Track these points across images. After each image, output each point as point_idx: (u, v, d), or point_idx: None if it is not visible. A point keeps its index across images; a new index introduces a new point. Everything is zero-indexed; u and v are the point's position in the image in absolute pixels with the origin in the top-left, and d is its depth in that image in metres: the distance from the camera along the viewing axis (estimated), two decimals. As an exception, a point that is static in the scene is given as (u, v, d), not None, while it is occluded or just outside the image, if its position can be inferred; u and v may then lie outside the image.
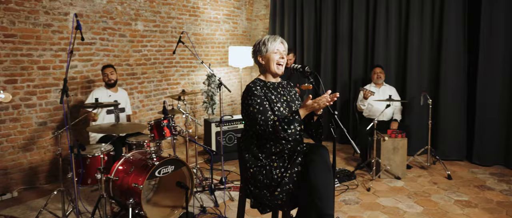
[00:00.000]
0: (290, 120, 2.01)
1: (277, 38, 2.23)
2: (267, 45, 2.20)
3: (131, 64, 4.79)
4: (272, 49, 2.20)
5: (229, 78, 6.38)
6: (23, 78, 3.77)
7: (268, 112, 2.08)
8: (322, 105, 2.02)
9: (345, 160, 4.86)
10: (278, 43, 2.22)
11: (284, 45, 2.28)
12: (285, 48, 2.28)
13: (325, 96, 1.98)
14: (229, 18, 6.21)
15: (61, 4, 3.97)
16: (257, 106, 2.07)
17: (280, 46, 2.23)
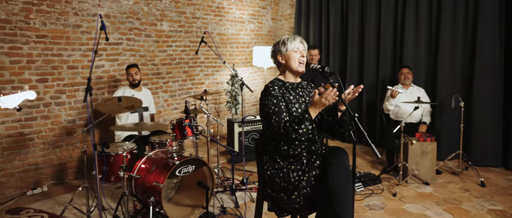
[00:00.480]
0: (301, 119, 1.95)
1: (297, 37, 2.19)
2: (287, 44, 2.16)
3: (157, 64, 4.87)
4: (292, 48, 2.16)
5: (254, 78, 6.36)
6: (54, 77, 3.91)
7: (282, 113, 2.04)
8: (331, 100, 1.92)
9: (370, 163, 4.72)
10: (298, 42, 2.17)
11: (304, 45, 2.23)
12: (305, 48, 2.23)
13: (333, 90, 1.88)
14: (254, 18, 6.19)
15: (89, 6, 4.08)
16: (272, 106, 2.04)
17: (300, 45, 2.18)
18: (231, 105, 5.32)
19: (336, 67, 5.71)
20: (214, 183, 3.26)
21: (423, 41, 4.81)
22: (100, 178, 3.18)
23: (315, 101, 1.95)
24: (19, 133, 3.71)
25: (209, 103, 5.65)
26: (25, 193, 3.73)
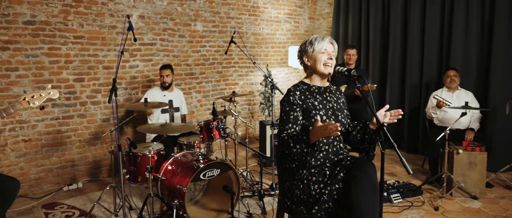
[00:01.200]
0: (298, 138, 1.83)
1: (326, 38, 2.02)
2: (314, 45, 2.00)
3: (190, 64, 4.87)
4: (319, 49, 1.99)
5: (289, 79, 6.20)
6: (90, 77, 4.01)
7: (289, 123, 1.94)
8: (330, 133, 1.69)
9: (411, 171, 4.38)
10: (326, 43, 2.00)
11: (334, 46, 2.05)
12: (335, 49, 2.06)
13: (335, 125, 1.66)
14: (290, 17, 6.02)
15: (124, 7, 4.15)
16: (283, 114, 1.96)
17: (328, 46, 2.01)
18: (265, 107, 5.20)
19: (376, 69, 5.40)
20: (239, 188, 3.16)
21: (473, 41, 4.39)
22: (128, 178, 3.20)
23: (316, 129, 1.77)
24: (57, 131, 3.85)
25: (243, 105, 5.57)
26: (61, 188, 3.86)
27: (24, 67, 3.59)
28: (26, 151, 3.69)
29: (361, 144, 2.10)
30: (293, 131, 1.92)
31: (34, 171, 3.76)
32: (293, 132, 1.92)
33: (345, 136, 2.14)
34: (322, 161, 1.92)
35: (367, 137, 2.09)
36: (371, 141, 2.08)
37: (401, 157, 1.69)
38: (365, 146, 2.11)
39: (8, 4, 3.43)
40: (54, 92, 2.35)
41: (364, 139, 2.09)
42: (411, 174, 1.85)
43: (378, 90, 5.44)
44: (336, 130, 1.63)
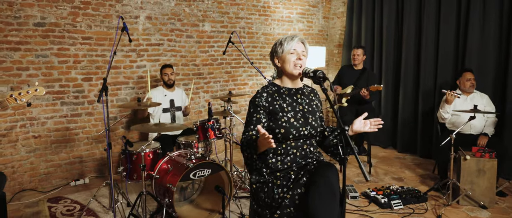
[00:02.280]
0: (249, 143, 1.82)
1: (295, 37, 1.97)
2: (283, 45, 1.96)
3: (198, 65, 4.92)
4: (288, 49, 1.95)
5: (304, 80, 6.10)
6: (97, 76, 4.15)
7: (251, 125, 1.92)
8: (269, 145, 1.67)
9: (421, 177, 4.20)
10: (296, 42, 1.96)
11: (304, 45, 2.00)
12: (305, 49, 2.00)
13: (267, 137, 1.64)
14: (303, 17, 5.94)
15: (132, 8, 4.26)
16: (247, 116, 1.94)
17: (297, 46, 1.96)
18: (272, 108, 5.16)
19: (390, 70, 5.21)
20: (232, 189, 3.15)
21: (491, 42, 4.15)
22: (124, 176, 3.28)
23: (259, 138, 1.76)
24: (65, 128, 4.02)
25: (242, 106, 5.56)
26: (69, 183, 4.02)
27: (35, 67, 3.77)
28: (36, 146, 3.87)
29: (336, 148, 2.06)
30: (255, 133, 1.90)
31: (43, 166, 3.94)
32: (253, 135, 1.90)
33: (320, 140, 2.09)
34: (289, 164, 1.87)
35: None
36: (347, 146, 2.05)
37: (359, 162, 1.62)
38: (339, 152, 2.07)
39: (20, 7, 3.62)
40: (40, 89, 2.44)
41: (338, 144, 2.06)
42: (368, 181, 1.76)
43: (391, 92, 5.25)
44: (269, 143, 1.62)
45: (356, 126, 2.05)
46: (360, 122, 2.05)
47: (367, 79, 4.33)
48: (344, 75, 4.55)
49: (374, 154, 5.10)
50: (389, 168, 4.55)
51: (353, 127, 2.05)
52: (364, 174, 1.55)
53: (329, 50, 6.35)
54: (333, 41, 6.28)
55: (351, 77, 4.45)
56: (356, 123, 2.05)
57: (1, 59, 3.59)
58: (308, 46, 2.04)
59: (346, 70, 4.59)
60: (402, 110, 5.09)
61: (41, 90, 2.44)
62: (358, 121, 2.05)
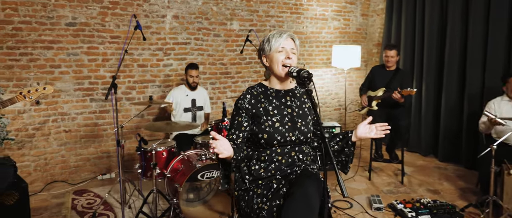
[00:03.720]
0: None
1: (284, 33, 1.79)
2: (270, 43, 1.80)
3: (225, 64, 4.87)
4: (276, 47, 1.78)
5: (338, 80, 5.83)
6: (125, 74, 4.26)
7: (233, 128, 1.80)
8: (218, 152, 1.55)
9: (461, 191, 3.78)
10: (284, 39, 1.78)
11: (295, 42, 1.82)
12: (296, 46, 1.82)
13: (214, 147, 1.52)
14: (339, 14, 5.66)
15: (159, 8, 4.32)
16: (231, 118, 1.79)
17: (286, 43, 1.78)
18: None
19: (432, 72, 4.76)
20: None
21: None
22: (139, 173, 3.32)
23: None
24: (94, 123, 4.17)
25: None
26: (96, 177, 4.17)
27: (66, 65, 3.95)
28: (67, 140, 4.07)
29: (338, 155, 1.89)
30: (235, 137, 1.77)
31: (73, 159, 4.12)
32: (235, 138, 1.77)
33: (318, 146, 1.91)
34: (273, 172, 1.72)
35: (346, 149, 1.87)
36: (350, 153, 1.86)
37: (338, 175, 1.43)
38: (342, 159, 1.89)
39: (53, 7, 3.81)
40: (48, 88, 2.51)
41: (342, 151, 1.88)
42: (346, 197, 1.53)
43: (433, 95, 4.81)
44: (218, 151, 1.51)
45: (360, 131, 1.85)
46: (365, 127, 1.85)
47: (400, 81, 3.98)
48: (375, 77, 4.22)
49: (412, 162, 4.71)
50: (426, 178, 4.16)
51: (357, 132, 1.87)
52: (342, 188, 1.36)
53: (368, 50, 5.99)
54: (372, 40, 5.91)
55: (382, 79, 4.11)
56: (360, 128, 1.85)
57: (36, 57, 3.80)
58: (298, 43, 1.86)
59: (377, 71, 4.26)
60: (444, 115, 4.63)
61: (49, 89, 2.51)
62: (362, 125, 1.85)
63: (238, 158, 1.67)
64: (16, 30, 3.68)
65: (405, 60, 5.12)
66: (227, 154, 1.55)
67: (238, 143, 1.75)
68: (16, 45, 3.70)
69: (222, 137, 1.56)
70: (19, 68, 3.75)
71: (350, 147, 1.87)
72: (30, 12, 3.71)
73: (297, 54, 1.85)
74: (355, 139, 1.88)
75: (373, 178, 4.16)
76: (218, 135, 1.54)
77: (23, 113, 3.82)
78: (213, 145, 1.49)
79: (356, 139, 1.88)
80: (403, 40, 5.11)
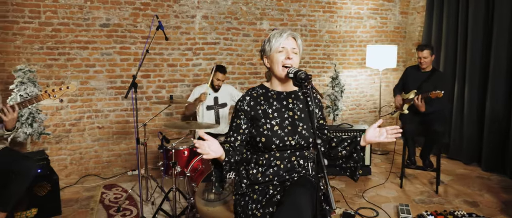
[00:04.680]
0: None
1: (284, 33, 1.72)
2: (271, 43, 1.73)
3: (255, 63, 4.84)
4: (276, 47, 1.71)
5: (373, 82, 5.59)
6: (155, 73, 4.38)
7: (231, 131, 1.75)
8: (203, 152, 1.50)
9: (504, 204, 3.45)
10: (284, 38, 1.70)
11: (296, 41, 1.74)
12: (298, 45, 1.74)
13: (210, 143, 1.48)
14: (375, 12, 5.41)
15: (188, 8, 4.38)
16: (230, 122, 1.76)
17: (287, 42, 1.71)
18: (330, 111, 4.81)
19: (476, 74, 4.39)
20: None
21: None
22: (162, 171, 3.38)
23: None
24: (125, 121, 4.33)
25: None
26: (126, 172, 4.33)
27: (100, 64, 4.14)
28: (100, 136, 4.26)
29: (346, 161, 1.77)
30: (233, 139, 1.72)
31: (105, 155, 4.31)
32: (233, 140, 1.72)
33: (327, 151, 1.81)
34: (271, 177, 1.64)
35: (355, 155, 1.75)
36: (360, 159, 1.75)
37: (328, 186, 1.32)
38: (350, 165, 1.77)
39: (88, 10, 4.00)
40: (71, 86, 2.62)
41: (351, 157, 1.76)
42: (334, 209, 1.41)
43: (477, 99, 4.43)
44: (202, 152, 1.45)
45: (369, 135, 1.73)
46: (374, 130, 1.73)
47: (434, 83, 3.70)
48: (408, 78, 3.96)
49: (451, 170, 4.38)
50: (464, 188, 3.85)
51: (366, 136, 1.75)
52: (330, 200, 1.26)
53: (407, 50, 5.68)
54: (412, 39, 5.59)
55: (415, 81, 3.85)
56: (369, 132, 1.73)
57: (72, 56, 4.02)
58: (301, 42, 1.76)
59: (411, 72, 3.99)
60: (489, 121, 4.25)
61: (72, 87, 2.62)
62: (371, 128, 1.73)
63: (231, 160, 1.61)
64: (55, 31, 3.91)
65: (447, 61, 4.78)
66: (214, 155, 1.51)
67: (236, 145, 1.70)
68: (55, 45, 3.93)
69: (212, 137, 1.53)
70: (57, 67, 3.98)
71: (359, 152, 1.76)
72: (68, 14, 3.93)
73: (300, 54, 1.77)
74: (364, 143, 1.76)
75: (405, 185, 3.92)
76: (207, 135, 1.51)
77: (61, 109, 4.05)
78: (196, 144, 1.45)
79: (365, 143, 1.76)
80: (444, 40, 4.77)
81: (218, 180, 1.66)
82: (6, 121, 2.40)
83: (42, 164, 3.20)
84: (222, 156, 1.56)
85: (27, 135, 3.55)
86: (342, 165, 1.79)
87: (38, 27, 3.84)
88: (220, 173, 1.63)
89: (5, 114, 2.38)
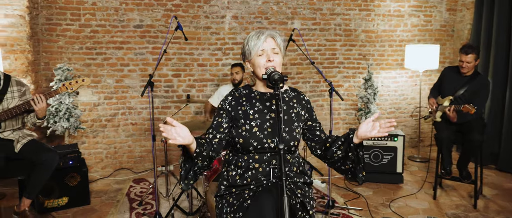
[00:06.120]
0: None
1: (262, 34, 1.64)
2: (250, 46, 1.67)
3: (285, 64, 4.77)
4: (256, 51, 1.65)
5: (415, 84, 5.23)
6: (185, 73, 4.49)
7: (211, 128, 1.70)
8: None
9: None
10: (262, 41, 1.63)
11: (275, 40, 1.66)
12: (277, 44, 1.66)
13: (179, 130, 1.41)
14: (418, 10, 5.06)
15: (218, 9, 4.43)
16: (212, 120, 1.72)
17: (266, 44, 1.64)
18: (363, 114, 4.59)
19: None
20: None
21: None
22: (182, 168, 3.45)
23: None
24: (156, 118, 4.49)
25: (348, 110, 5.07)
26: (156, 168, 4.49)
27: (134, 63, 4.34)
28: (133, 132, 4.46)
29: (344, 163, 1.66)
30: (211, 136, 1.68)
31: (138, 150, 4.51)
32: (211, 137, 1.68)
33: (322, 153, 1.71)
34: (249, 180, 1.58)
35: (350, 154, 1.63)
36: (358, 159, 1.62)
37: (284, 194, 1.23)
38: (349, 166, 1.65)
39: (124, 11, 4.21)
40: (86, 80, 2.77)
41: (347, 157, 1.64)
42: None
43: None
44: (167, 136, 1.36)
45: (361, 130, 1.59)
46: (367, 125, 1.58)
47: (474, 89, 3.34)
48: (446, 80, 3.62)
49: (497, 184, 3.96)
50: (509, 204, 3.46)
51: (358, 132, 1.61)
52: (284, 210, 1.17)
53: (455, 49, 5.24)
54: (460, 37, 5.14)
55: (453, 85, 3.49)
56: (362, 127, 1.59)
57: (109, 56, 4.26)
58: (281, 40, 1.68)
59: (449, 74, 3.63)
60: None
61: (86, 81, 2.78)
62: (365, 123, 1.58)
63: (203, 153, 1.56)
64: (93, 32, 4.17)
65: (496, 63, 4.32)
66: (182, 141, 1.42)
67: (213, 142, 1.66)
68: (93, 45, 4.20)
69: (181, 124, 1.47)
70: (95, 66, 4.24)
71: (354, 151, 1.62)
72: (104, 16, 4.17)
73: (283, 52, 1.69)
74: (357, 140, 1.61)
75: (440, 197, 3.62)
76: (175, 121, 1.46)
77: (98, 105, 4.31)
78: (161, 128, 1.41)
79: (357, 140, 1.61)
80: (494, 39, 4.32)
81: (185, 174, 1.60)
82: (37, 110, 2.62)
83: (74, 157, 3.42)
84: (191, 145, 1.50)
85: (65, 128, 3.83)
86: (340, 167, 1.68)
87: (78, 29, 4.13)
88: (189, 167, 1.60)
89: (35, 103, 2.59)
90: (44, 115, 2.74)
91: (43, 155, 2.63)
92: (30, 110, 2.69)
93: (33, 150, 2.65)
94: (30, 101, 2.61)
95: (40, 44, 4.06)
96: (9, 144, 2.68)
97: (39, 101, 2.59)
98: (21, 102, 2.70)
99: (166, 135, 1.38)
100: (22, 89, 2.79)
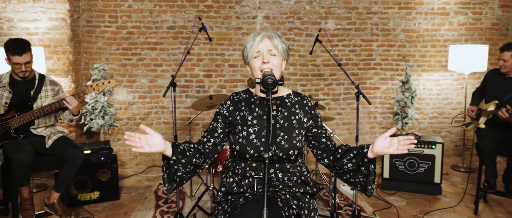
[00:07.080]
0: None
1: (258, 36, 1.58)
2: (247, 48, 1.61)
3: (318, 65, 4.64)
4: (252, 53, 1.59)
5: (462, 87, 4.85)
6: (217, 73, 4.52)
7: (206, 132, 1.67)
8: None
9: None
10: (258, 42, 1.56)
11: (272, 41, 1.57)
12: (273, 45, 1.57)
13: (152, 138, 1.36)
14: (466, 7, 4.67)
15: (250, 9, 4.41)
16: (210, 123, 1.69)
17: (262, 45, 1.57)
18: (399, 118, 4.32)
19: None
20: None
21: None
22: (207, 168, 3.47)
23: None
24: (188, 118, 4.57)
25: (384, 113, 4.82)
26: (186, 166, 4.57)
27: (166, 64, 4.44)
28: (165, 131, 4.58)
29: (354, 176, 1.56)
30: (205, 140, 1.65)
31: (169, 148, 4.60)
32: (205, 141, 1.66)
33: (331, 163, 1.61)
34: (245, 188, 1.52)
35: (362, 168, 1.53)
36: (369, 173, 1.52)
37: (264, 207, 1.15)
38: (359, 180, 1.55)
39: (157, 13, 4.33)
40: (112, 82, 2.86)
41: (359, 171, 1.54)
42: None
43: None
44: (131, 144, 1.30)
45: (378, 146, 1.48)
46: (384, 140, 1.47)
47: None
48: (490, 84, 3.30)
49: (553, 200, 3.54)
50: None
51: (374, 147, 1.50)
52: None
53: (508, 50, 4.77)
54: (515, 37, 4.69)
55: (498, 88, 3.17)
56: (378, 142, 1.48)
57: (143, 57, 4.40)
58: (278, 42, 1.58)
59: (492, 77, 3.31)
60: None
61: (112, 82, 2.87)
62: (381, 138, 1.47)
63: (181, 160, 1.52)
64: (129, 34, 4.33)
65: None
66: (149, 150, 1.41)
67: (206, 147, 1.63)
68: (128, 46, 4.36)
69: (155, 132, 1.45)
70: (130, 66, 4.40)
71: (367, 165, 1.52)
72: (140, 18, 4.31)
73: (281, 54, 1.60)
74: (372, 155, 1.51)
75: (482, 212, 3.31)
76: (149, 129, 1.44)
77: (132, 104, 4.47)
78: (126, 136, 1.39)
79: (373, 155, 1.51)
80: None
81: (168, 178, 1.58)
82: (70, 108, 2.77)
83: (105, 153, 3.57)
84: (165, 152, 1.48)
85: (100, 126, 4.01)
86: (350, 179, 1.58)
87: (115, 31, 4.30)
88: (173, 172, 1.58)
89: (68, 102, 2.74)
90: (78, 112, 2.89)
91: (69, 151, 2.77)
92: (63, 107, 2.85)
93: (61, 146, 2.80)
94: (62, 101, 2.75)
95: (81, 46, 4.29)
96: (42, 140, 2.85)
97: (71, 101, 2.74)
98: (54, 100, 2.86)
99: (130, 143, 1.36)
100: (55, 89, 2.96)
